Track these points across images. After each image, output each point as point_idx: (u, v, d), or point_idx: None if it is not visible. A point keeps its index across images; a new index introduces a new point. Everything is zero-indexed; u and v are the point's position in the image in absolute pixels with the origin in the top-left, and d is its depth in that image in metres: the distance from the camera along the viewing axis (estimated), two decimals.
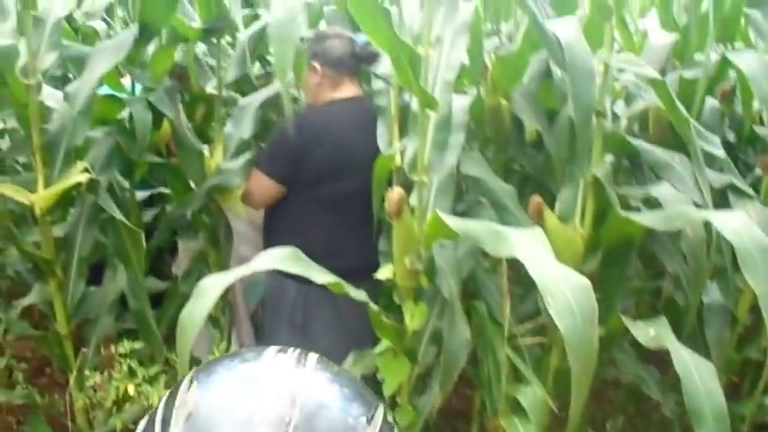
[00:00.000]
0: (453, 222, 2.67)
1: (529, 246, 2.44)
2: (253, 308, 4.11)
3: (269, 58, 4.52)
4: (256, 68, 4.57)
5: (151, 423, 1.06)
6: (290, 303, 3.65)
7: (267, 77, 4.46)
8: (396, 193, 2.90)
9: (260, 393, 1.03)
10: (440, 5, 3.03)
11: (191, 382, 1.06)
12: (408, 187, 3.16)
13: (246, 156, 3.74)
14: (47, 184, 3.37)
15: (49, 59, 3.34)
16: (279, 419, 0.99)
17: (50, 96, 3.51)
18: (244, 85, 4.20)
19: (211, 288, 2.42)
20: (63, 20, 3.43)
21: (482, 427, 3.76)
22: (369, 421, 1.05)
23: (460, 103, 3.26)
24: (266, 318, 3.98)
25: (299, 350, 1.13)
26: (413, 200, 3.01)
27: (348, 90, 3.65)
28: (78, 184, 3.37)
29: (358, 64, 3.64)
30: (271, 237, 3.79)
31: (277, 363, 1.10)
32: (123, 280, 3.64)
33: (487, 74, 3.56)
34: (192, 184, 3.80)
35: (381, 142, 3.48)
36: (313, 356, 1.13)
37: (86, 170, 3.33)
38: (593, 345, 2.32)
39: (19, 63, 3.30)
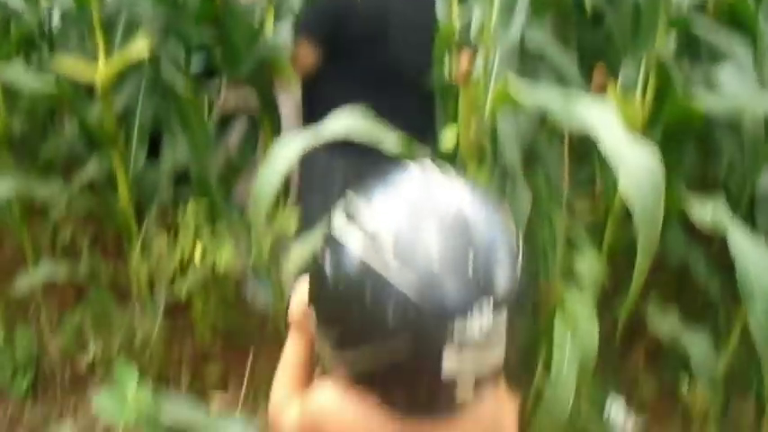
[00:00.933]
0: (524, 89, 2.67)
1: (600, 115, 2.43)
2: None
3: None
4: None
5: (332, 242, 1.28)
6: (338, 180, 3.66)
7: None
8: (465, 57, 2.93)
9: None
10: None
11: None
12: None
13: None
14: (107, 58, 3.41)
15: None
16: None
17: None
18: None
19: (284, 152, 2.48)
20: None
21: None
22: None
23: None
24: (305, 193, 3.93)
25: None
26: (478, 67, 3.02)
27: None
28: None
29: None
30: (310, 114, 3.83)
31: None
32: (182, 150, 3.73)
33: None
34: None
35: (440, 10, 3.51)
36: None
37: (147, 44, 3.35)
38: (659, 215, 2.32)
39: None
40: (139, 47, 3.35)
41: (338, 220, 1.28)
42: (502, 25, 3.12)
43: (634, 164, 2.31)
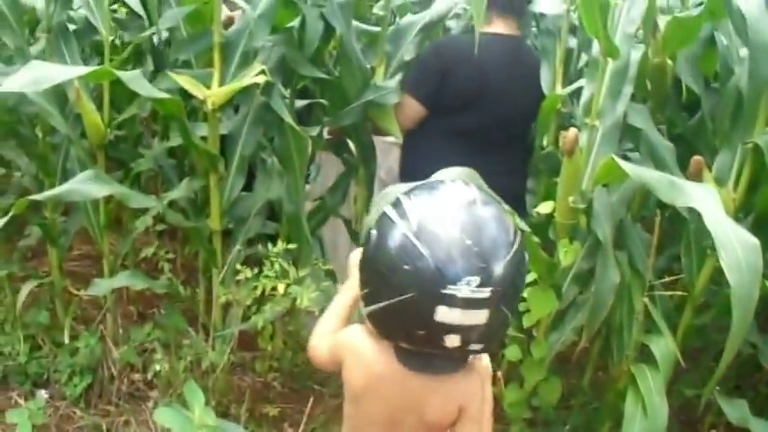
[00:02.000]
0: (629, 167, 2.70)
1: (705, 199, 2.47)
2: None
3: None
4: None
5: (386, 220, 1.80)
6: None
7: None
8: (572, 132, 2.98)
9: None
10: None
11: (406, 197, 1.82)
12: (566, 128, 3.25)
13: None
14: (221, 82, 3.45)
15: None
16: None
17: None
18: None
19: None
20: None
21: (595, 373, 3.87)
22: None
23: (633, 57, 3.34)
24: None
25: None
26: (581, 142, 3.08)
27: (497, 27, 3.75)
28: (252, 85, 3.43)
29: (510, 3, 3.75)
30: (408, 162, 3.90)
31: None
32: (276, 185, 3.76)
33: (658, 33, 3.59)
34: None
35: (544, 82, 3.69)
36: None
37: (263, 72, 3.38)
38: (754, 300, 2.38)
39: None
40: (256, 74, 3.38)
41: (388, 206, 1.82)
42: (609, 103, 3.20)
43: (736, 243, 2.37)
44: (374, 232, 1.83)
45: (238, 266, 3.45)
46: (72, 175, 3.74)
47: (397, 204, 1.82)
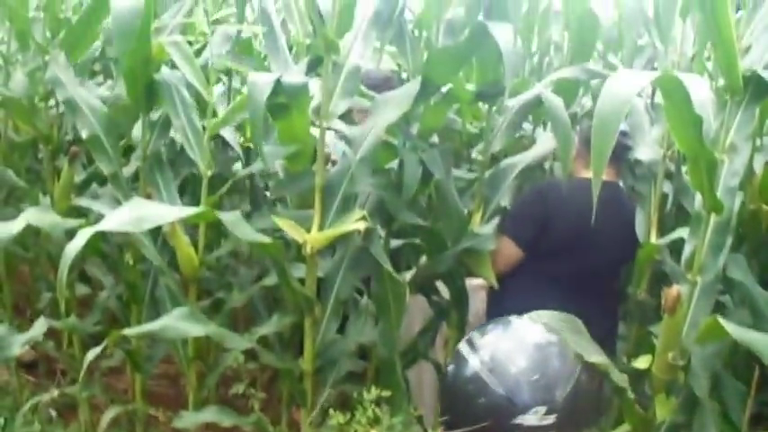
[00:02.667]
0: (732, 329, 2.74)
1: None
2: None
3: None
4: None
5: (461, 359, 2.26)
6: None
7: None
8: (675, 290, 2.96)
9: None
10: (737, 113, 3.09)
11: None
12: (660, 278, 3.24)
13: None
14: (321, 225, 3.45)
15: (342, 105, 3.44)
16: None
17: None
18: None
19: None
20: (359, 68, 3.49)
21: None
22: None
23: (735, 208, 3.30)
24: None
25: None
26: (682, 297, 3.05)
27: None
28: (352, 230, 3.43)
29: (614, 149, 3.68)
30: (497, 304, 3.87)
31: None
32: (369, 328, 3.76)
33: (754, 179, 3.59)
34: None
35: (639, 228, 3.71)
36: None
37: (364, 218, 3.39)
38: None
39: (312, 104, 3.45)
40: (357, 219, 3.38)
41: (462, 344, 2.21)
42: (711, 258, 3.17)
43: None
44: (450, 368, 2.26)
45: (330, 411, 3.42)
46: (161, 304, 3.81)
47: (470, 341, 2.25)
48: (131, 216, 3.05)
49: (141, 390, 4.09)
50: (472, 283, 4.07)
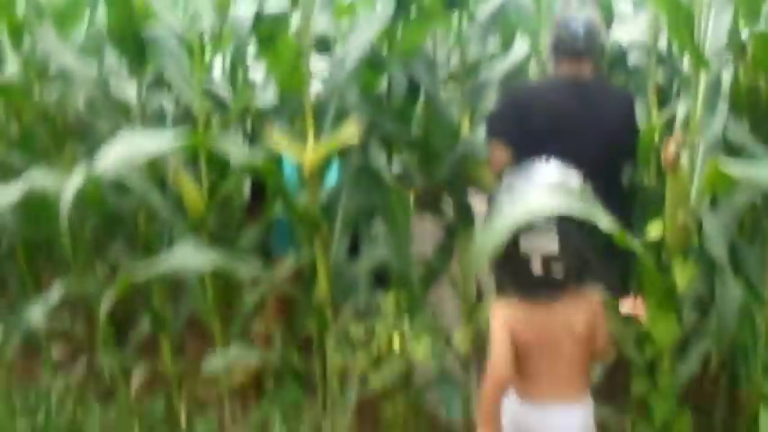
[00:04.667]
0: (737, 168, 2.70)
1: None
2: None
3: None
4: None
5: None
6: None
7: None
8: (672, 143, 2.94)
9: None
10: None
11: None
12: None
13: None
14: (316, 143, 3.47)
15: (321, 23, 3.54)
16: None
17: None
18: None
19: (505, 220, 2.51)
20: None
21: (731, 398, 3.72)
22: None
23: (725, 75, 3.37)
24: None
25: None
26: (683, 159, 3.04)
27: (568, 69, 3.79)
28: (348, 147, 3.48)
29: (574, 47, 3.77)
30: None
31: None
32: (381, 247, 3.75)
33: (747, 52, 3.58)
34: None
35: (640, 119, 3.73)
36: None
37: (356, 130, 3.41)
38: None
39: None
40: (349, 132, 3.39)
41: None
42: (707, 117, 3.20)
43: None
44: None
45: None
46: None
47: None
48: (121, 152, 3.06)
49: (170, 352, 4.10)
50: None
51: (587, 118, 3.71)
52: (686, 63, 3.19)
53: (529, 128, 3.68)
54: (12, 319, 4.10)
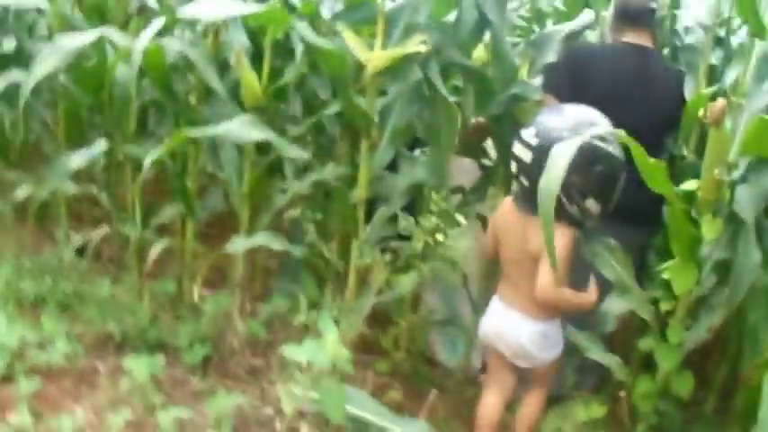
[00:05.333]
0: None
1: None
2: None
3: None
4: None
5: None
6: None
7: None
8: (720, 102, 3.05)
9: None
10: None
11: None
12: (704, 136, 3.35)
13: None
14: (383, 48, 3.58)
15: None
16: None
17: None
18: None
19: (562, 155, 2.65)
20: None
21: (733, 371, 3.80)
22: None
23: None
24: None
25: None
26: (727, 121, 3.16)
27: (630, 38, 3.96)
28: (410, 60, 3.57)
29: (640, 17, 3.97)
30: None
31: None
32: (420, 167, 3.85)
33: None
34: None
35: (689, 95, 3.81)
36: None
37: (423, 43, 3.50)
38: None
39: None
40: (416, 43, 3.49)
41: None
42: (756, 83, 3.32)
43: None
44: None
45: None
46: None
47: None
48: (208, 5, 3.25)
49: (193, 229, 4.15)
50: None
51: (643, 87, 3.86)
52: (743, 32, 3.26)
53: (585, 88, 3.78)
54: (47, 169, 4.13)
